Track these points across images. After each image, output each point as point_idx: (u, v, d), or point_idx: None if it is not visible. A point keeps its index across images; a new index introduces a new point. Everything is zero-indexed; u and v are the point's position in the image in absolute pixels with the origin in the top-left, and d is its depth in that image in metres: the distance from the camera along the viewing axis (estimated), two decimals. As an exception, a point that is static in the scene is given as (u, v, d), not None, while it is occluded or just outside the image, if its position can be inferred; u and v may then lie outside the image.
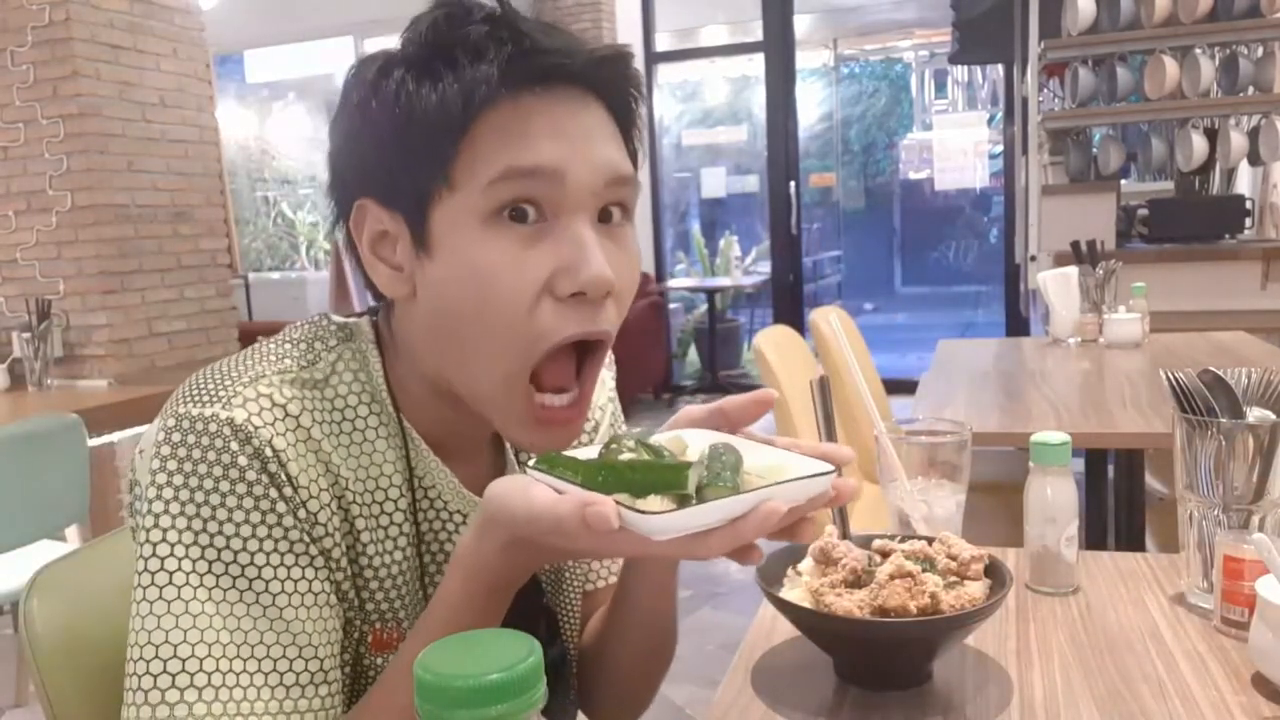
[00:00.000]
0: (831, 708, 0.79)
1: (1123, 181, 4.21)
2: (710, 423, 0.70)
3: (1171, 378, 0.94)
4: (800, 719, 0.77)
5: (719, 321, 6.76)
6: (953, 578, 0.80)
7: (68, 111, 3.39)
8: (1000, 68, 6.40)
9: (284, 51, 7.25)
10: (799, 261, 6.23)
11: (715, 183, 7.95)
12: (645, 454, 0.61)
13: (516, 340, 0.67)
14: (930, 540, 0.85)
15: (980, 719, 0.76)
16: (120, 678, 0.64)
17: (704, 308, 6.78)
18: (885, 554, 0.83)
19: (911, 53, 10.36)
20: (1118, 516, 1.92)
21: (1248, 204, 3.96)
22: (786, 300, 6.14)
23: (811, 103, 9.91)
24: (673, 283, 6.87)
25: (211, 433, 0.65)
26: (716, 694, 0.82)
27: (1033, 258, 4.04)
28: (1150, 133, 3.99)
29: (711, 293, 6.57)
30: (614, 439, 0.63)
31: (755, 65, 6.44)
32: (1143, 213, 4.05)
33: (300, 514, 0.66)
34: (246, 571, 0.64)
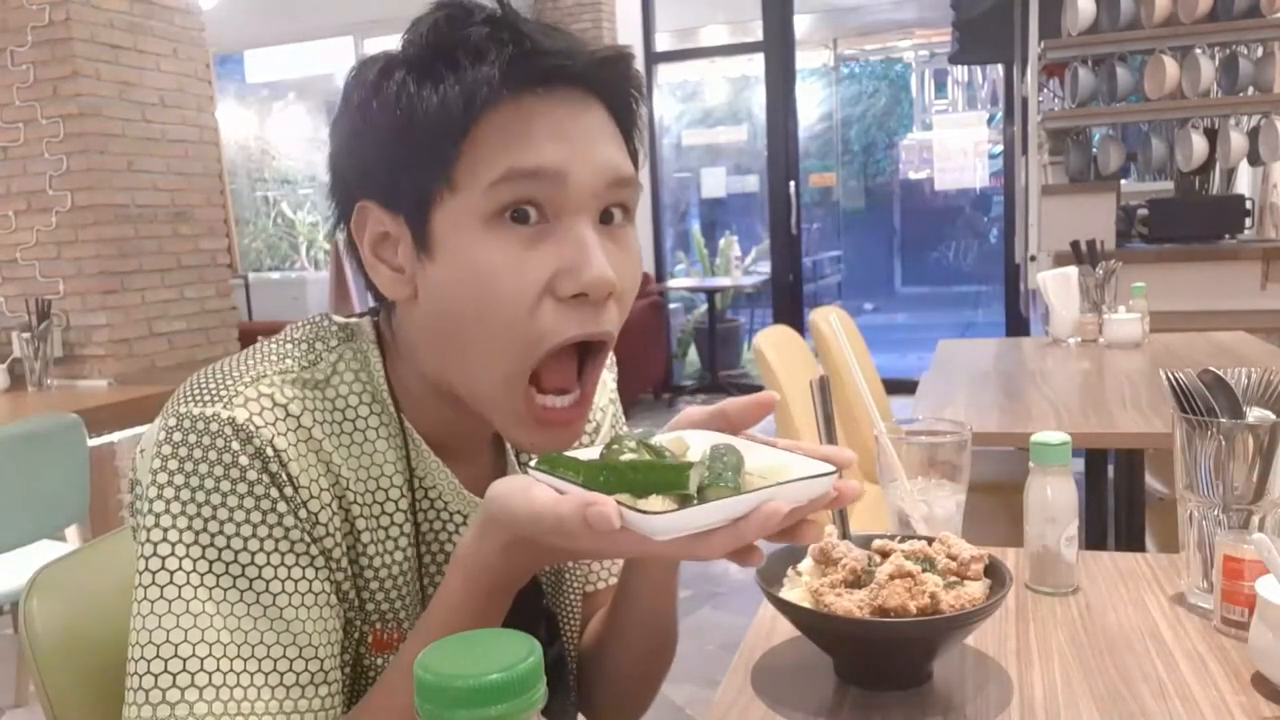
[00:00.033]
0: (831, 708, 0.79)
1: (1123, 181, 4.21)
2: (712, 424, 0.70)
3: (1171, 378, 0.94)
4: (800, 719, 0.77)
5: (719, 321, 6.76)
6: (953, 578, 0.80)
7: (68, 111, 3.39)
8: (1000, 68, 6.40)
9: (284, 51, 7.26)
10: (799, 261, 6.24)
11: (715, 183, 7.95)
12: (647, 454, 0.61)
13: (517, 341, 0.67)
14: (930, 540, 0.85)
15: (980, 719, 0.76)
16: (120, 678, 0.64)
17: (704, 308, 6.78)
18: (885, 554, 0.83)
19: (911, 53, 10.36)
20: (1118, 516, 1.92)
21: (1248, 204, 3.97)
22: (786, 300, 6.14)
23: (811, 103, 9.91)
24: (673, 283, 6.87)
25: (213, 432, 0.65)
26: (716, 694, 0.82)
27: (1033, 258, 4.04)
28: (1150, 133, 4.00)
29: (711, 293, 6.56)
30: (615, 439, 0.63)
31: (755, 65, 6.43)
32: (1143, 213, 4.05)
33: (301, 514, 0.66)
34: (247, 571, 0.64)
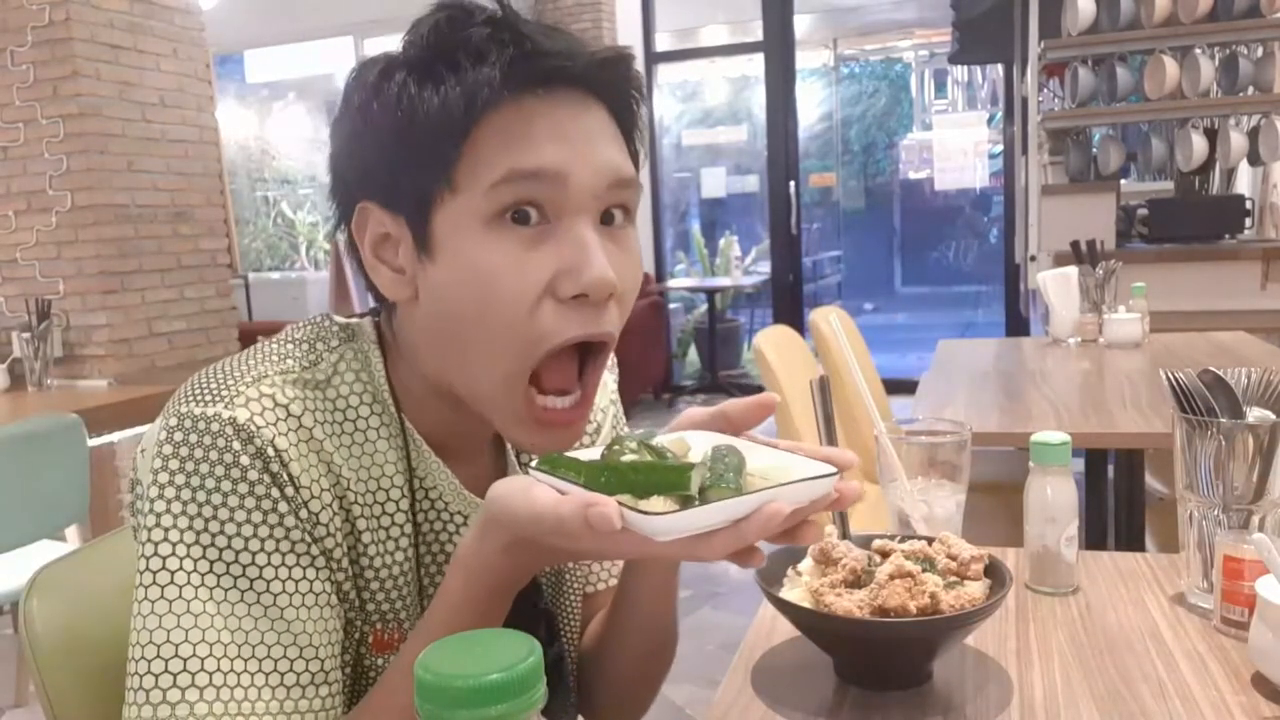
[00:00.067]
0: (831, 708, 0.79)
1: (1123, 181, 4.21)
2: (712, 426, 0.69)
3: (1171, 378, 0.94)
4: (800, 719, 0.78)
5: (719, 321, 6.75)
6: (953, 578, 0.80)
7: (68, 111, 3.39)
8: (1000, 68, 6.40)
9: (284, 51, 7.26)
10: (799, 261, 6.24)
11: (715, 183, 7.95)
12: (648, 455, 0.61)
13: (517, 341, 0.67)
14: (930, 540, 0.85)
15: (980, 719, 0.76)
16: (120, 678, 0.64)
17: (704, 308, 6.78)
18: (885, 554, 0.83)
19: (911, 53, 10.36)
20: (1118, 516, 1.92)
21: (1248, 204, 3.97)
22: (786, 300, 6.14)
23: (811, 103, 9.91)
24: (673, 283, 6.87)
25: (214, 432, 0.65)
26: (716, 694, 0.82)
27: (1033, 258, 4.04)
28: (1150, 133, 4.00)
29: (711, 293, 6.56)
30: (616, 440, 0.63)
31: (755, 65, 6.43)
32: (1143, 213, 4.05)
33: (302, 514, 0.66)
34: (248, 571, 0.64)
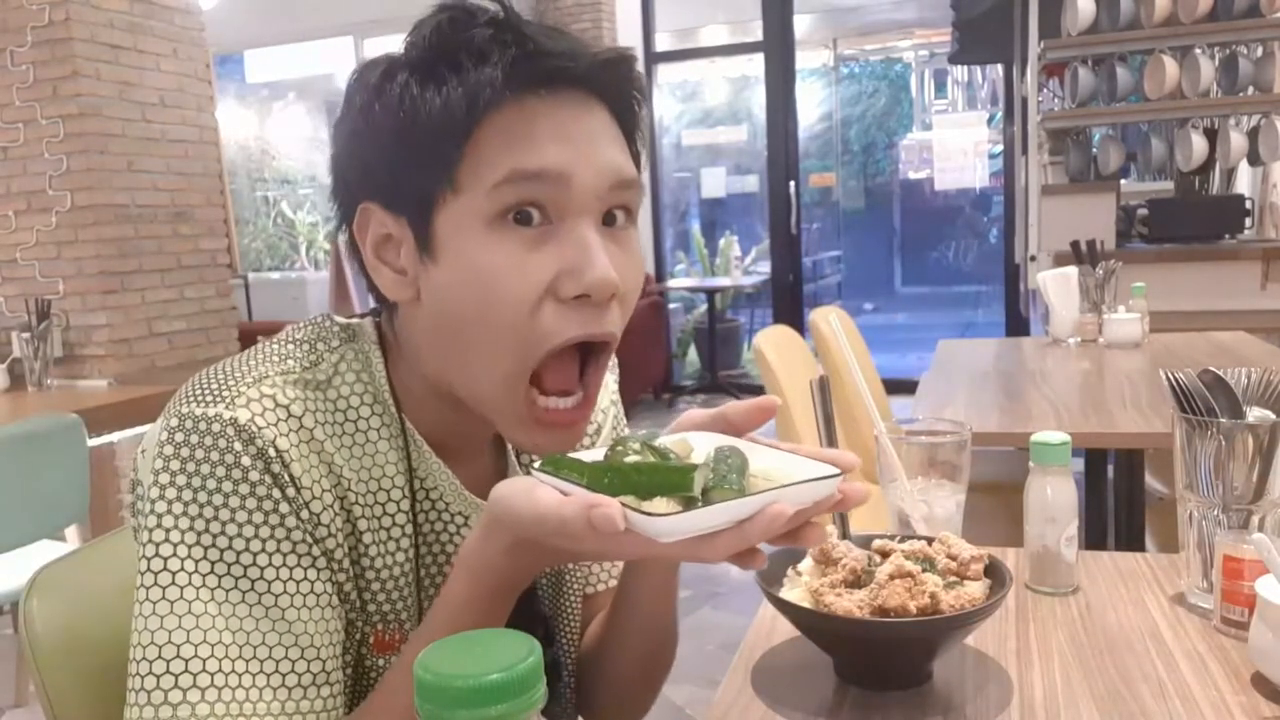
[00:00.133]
0: (831, 708, 0.79)
1: (1123, 181, 4.21)
2: (713, 428, 0.69)
3: (1171, 378, 0.94)
4: (800, 719, 0.78)
5: (719, 321, 6.75)
6: (953, 578, 0.80)
7: (68, 111, 3.39)
8: (1000, 68, 6.40)
9: (284, 51, 7.25)
10: (799, 261, 6.24)
11: (715, 183, 7.95)
12: (651, 456, 0.61)
13: (518, 341, 0.67)
14: (930, 540, 0.85)
15: (980, 719, 0.76)
16: (121, 678, 0.64)
17: (704, 308, 6.78)
18: (885, 554, 0.83)
19: (911, 53, 10.36)
20: (1118, 516, 1.92)
21: (1247, 204, 3.97)
22: (786, 300, 6.14)
23: (811, 103, 9.91)
24: (673, 283, 6.87)
25: (215, 433, 0.65)
26: (716, 694, 0.82)
27: (1033, 258, 4.04)
28: (1150, 133, 4.00)
29: (711, 293, 6.56)
30: (619, 441, 0.63)
31: (755, 65, 6.43)
32: (1143, 213, 4.05)
33: (303, 515, 0.66)
34: (249, 572, 0.64)
